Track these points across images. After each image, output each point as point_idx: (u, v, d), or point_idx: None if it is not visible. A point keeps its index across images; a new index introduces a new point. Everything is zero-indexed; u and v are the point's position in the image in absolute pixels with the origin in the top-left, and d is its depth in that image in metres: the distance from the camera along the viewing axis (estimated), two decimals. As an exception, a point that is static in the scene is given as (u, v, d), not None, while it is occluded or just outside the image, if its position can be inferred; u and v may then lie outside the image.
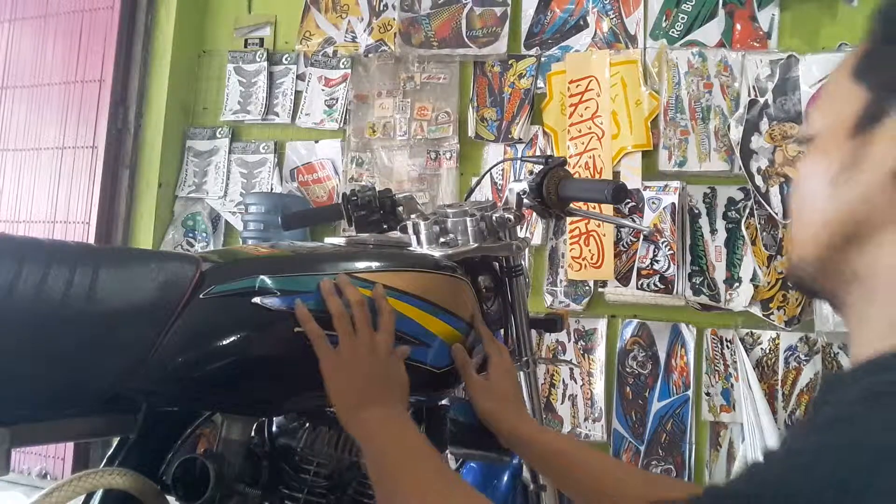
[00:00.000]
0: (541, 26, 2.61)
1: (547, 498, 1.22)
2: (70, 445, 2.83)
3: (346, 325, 0.85)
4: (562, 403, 2.43)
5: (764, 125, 2.23)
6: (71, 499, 0.74)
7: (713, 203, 2.32)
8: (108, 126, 3.02)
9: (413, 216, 1.23)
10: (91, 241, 2.95)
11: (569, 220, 2.41)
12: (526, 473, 1.25)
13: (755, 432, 2.16)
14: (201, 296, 0.79)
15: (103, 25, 3.10)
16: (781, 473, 0.46)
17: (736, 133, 2.25)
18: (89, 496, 0.82)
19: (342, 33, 2.88)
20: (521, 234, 1.29)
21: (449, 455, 1.50)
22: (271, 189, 2.89)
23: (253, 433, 0.91)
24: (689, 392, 2.30)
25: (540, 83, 2.57)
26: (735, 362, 2.26)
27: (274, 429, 0.95)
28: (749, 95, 2.26)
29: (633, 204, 2.34)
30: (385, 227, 1.32)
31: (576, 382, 2.43)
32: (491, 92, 2.65)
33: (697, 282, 2.30)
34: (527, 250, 1.19)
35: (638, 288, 2.31)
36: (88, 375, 0.74)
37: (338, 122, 2.84)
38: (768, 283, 2.22)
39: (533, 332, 1.27)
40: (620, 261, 2.35)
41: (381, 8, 2.83)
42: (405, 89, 2.75)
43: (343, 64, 2.86)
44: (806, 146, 0.61)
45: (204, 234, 3.00)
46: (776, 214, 2.20)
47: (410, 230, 1.21)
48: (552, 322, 1.31)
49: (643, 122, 2.37)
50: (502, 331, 1.23)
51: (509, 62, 2.63)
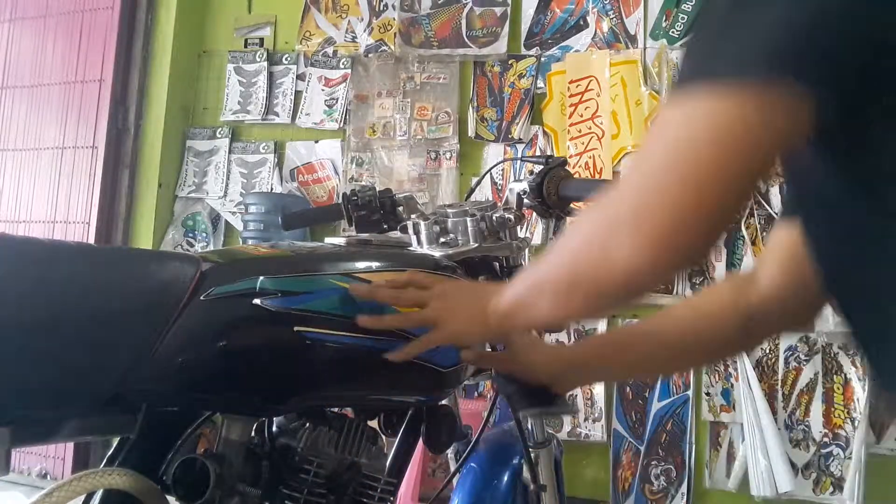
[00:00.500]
0: (541, 26, 2.61)
1: (547, 498, 1.22)
2: (70, 445, 2.83)
3: (414, 294, 0.87)
4: (562, 403, 2.43)
5: (764, 125, 2.22)
6: (71, 499, 0.74)
7: (713, 203, 2.31)
8: (108, 126, 3.02)
9: (413, 216, 1.23)
10: (91, 241, 2.95)
11: (569, 220, 2.40)
12: (526, 473, 1.24)
13: (755, 432, 2.16)
14: (202, 297, 0.79)
15: (103, 25, 3.10)
16: None
17: (736, 133, 2.24)
18: (89, 496, 0.82)
19: (342, 33, 2.88)
20: (521, 234, 1.29)
21: (449, 455, 1.51)
22: (271, 189, 2.89)
23: (253, 433, 0.90)
24: (689, 392, 2.30)
25: (540, 83, 2.57)
26: (735, 362, 2.25)
27: (274, 429, 0.94)
28: (749, 95, 2.26)
29: (634, 204, 2.34)
30: (385, 227, 1.32)
31: (576, 382, 2.43)
32: (491, 92, 2.65)
33: (697, 282, 2.29)
34: (527, 250, 1.20)
35: (638, 288, 2.31)
36: (88, 375, 0.74)
37: (338, 122, 2.84)
38: (768, 283, 2.22)
39: (533, 332, 1.27)
40: (620, 261, 2.35)
41: (381, 8, 2.82)
42: (405, 89, 2.75)
43: (343, 64, 2.86)
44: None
45: (204, 235, 3.00)
46: (776, 214, 2.20)
47: (411, 230, 1.21)
48: None
49: (643, 122, 2.37)
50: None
51: (509, 62, 2.63)
